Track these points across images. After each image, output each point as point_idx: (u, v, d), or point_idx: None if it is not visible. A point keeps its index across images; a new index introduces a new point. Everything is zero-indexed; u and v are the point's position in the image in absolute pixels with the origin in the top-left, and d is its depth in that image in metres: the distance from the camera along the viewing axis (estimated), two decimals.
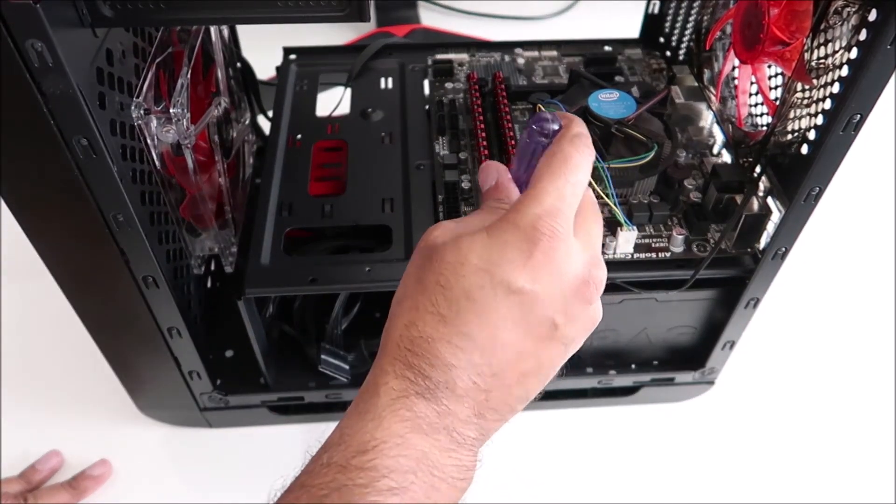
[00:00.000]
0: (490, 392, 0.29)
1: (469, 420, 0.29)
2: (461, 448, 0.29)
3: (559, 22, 1.02)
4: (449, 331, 0.29)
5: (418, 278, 0.31)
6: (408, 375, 0.29)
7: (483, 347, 0.29)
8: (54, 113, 0.31)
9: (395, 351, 0.30)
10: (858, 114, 0.36)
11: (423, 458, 0.28)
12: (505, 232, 0.29)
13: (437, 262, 0.30)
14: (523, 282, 0.29)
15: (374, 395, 0.29)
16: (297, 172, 0.52)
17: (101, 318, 0.45)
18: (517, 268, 0.29)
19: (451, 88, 0.59)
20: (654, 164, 0.46)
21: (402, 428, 0.28)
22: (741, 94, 0.49)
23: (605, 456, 0.57)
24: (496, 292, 0.29)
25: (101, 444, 0.56)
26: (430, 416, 0.29)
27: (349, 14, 0.31)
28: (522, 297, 0.29)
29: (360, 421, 0.29)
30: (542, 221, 0.29)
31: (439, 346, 0.29)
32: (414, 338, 0.29)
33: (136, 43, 0.40)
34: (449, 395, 0.29)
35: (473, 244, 0.30)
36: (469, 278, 0.29)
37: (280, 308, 0.56)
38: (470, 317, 0.29)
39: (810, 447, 0.58)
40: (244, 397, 0.54)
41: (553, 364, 0.31)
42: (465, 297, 0.29)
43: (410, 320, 0.30)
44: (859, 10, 0.35)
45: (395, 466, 0.27)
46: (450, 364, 0.29)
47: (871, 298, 0.69)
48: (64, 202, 0.36)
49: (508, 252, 0.29)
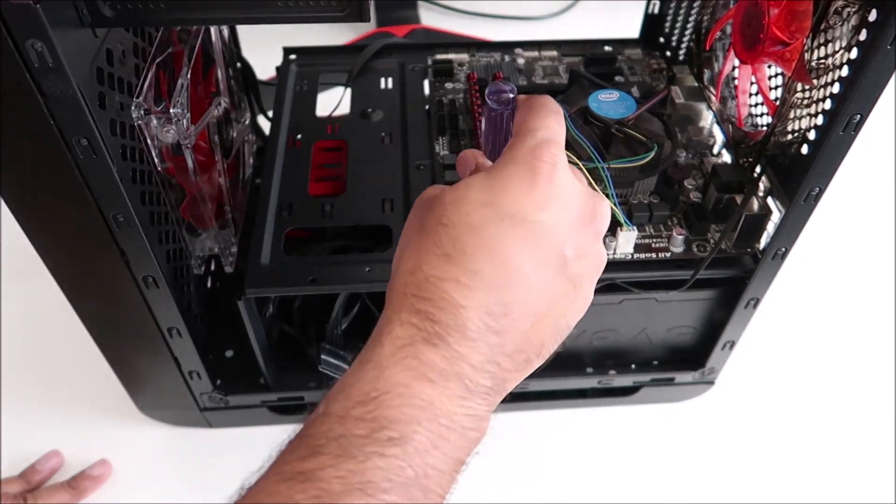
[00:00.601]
0: (503, 334, 0.28)
1: (482, 367, 0.27)
2: (473, 396, 0.27)
3: (559, 22, 1.02)
4: (456, 269, 0.27)
5: (419, 226, 0.29)
6: (414, 322, 0.27)
7: (493, 284, 0.27)
8: (54, 113, 0.31)
9: (399, 299, 0.28)
10: (858, 114, 0.36)
11: (428, 407, 0.26)
12: (504, 167, 0.29)
13: (438, 206, 0.29)
14: (529, 211, 0.28)
15: (377, 344, 0.28)
16: (297, 172, 0.52)
17: (101, 318, 0.45)
18: (522, 197, 0.28)
19: (451, 88, 0.59)
20: (654, 164, 0.46)
21: (407, 377, 0.26)
22: (741, 94, 0.49)
23: (605, 456, 0.57)
24: (502, 224, 0.28)
25: (101, 444, 0.56)
26: (438, 364, 0.27)
27: (349, 14, 0.31)
28: (529, 227, 0.28)
29: (361, 370, 0.27)
30: (541, 149, 0.29)
31: (447, 285, 0.27)
32: (420, 281, 0.28)
33: (136, 43, 0.40)
34: (460, 339, 0.27)
35: (472, 183, 0.29)
36: (473, 214, 0.28)
37: (280, 308, 0.56)
38: (477, 252, 0.27)
39: (810, 447, 0.58)
40: (244, 397, 0.54)
41: (564, 305, 0.29)
42: (469, 232, 0.28)
43: (415, 265, 0.28)
44: (859, 10, 0.35)
45: (397, 417, 0.26)
46: (459, 305, 0.27)
47: (872, 298, 0.69)
48: (64, 202, 0.36)
49: (511, 184, 0.28)
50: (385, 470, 0.25)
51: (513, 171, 0.28)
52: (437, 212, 0.29)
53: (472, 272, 0.27)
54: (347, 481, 0.24)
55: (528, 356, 0.29)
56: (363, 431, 0.25)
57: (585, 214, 0.29)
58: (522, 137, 0.30)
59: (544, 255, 0.28)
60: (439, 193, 0.30)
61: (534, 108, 0.31)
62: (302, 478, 0.25)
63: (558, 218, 0.28)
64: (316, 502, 0.24)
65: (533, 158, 0.28)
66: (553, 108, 0.31)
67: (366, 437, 0.25)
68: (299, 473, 0.25)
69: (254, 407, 0.56)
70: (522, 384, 0.59)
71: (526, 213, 0.28)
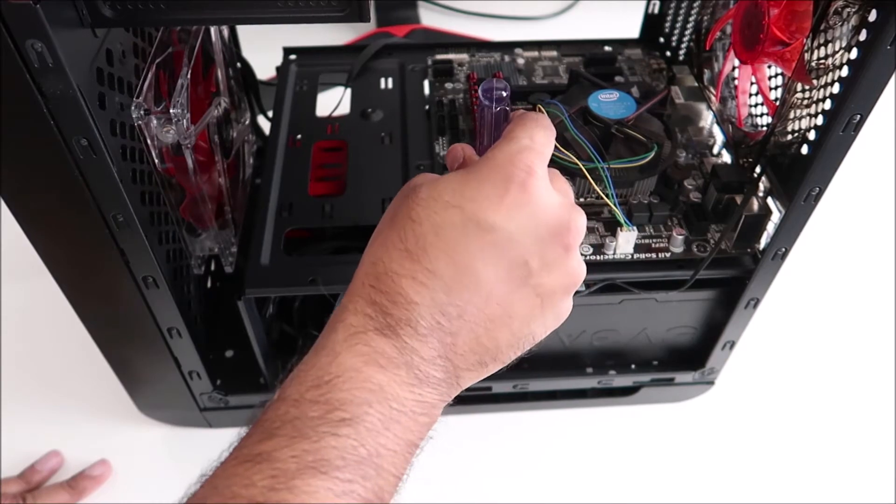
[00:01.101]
0: (456, 335, 0.28)
1: (433, 360, 0.28)
2: (423, 385, 0.28)
3: (559, 22, 1.02)
4: (414, 267, 0.28)
5: (392, 216, 0.30)
6: (368, 312, 0.28)
7: (448, 286, 0.28)
8: (54, 113, 0.31)
9: (358, 288, 0.29)
10: (858, 114, 0.36)
11: (378, 390, 0.27)
12: (480, 170, 0.29)
13: (412, 199, 0.29)
14: (496, 219, 0.28)
15: (331, 331, 0.29)
16: (297, 172, 0.52)
17: (101, 318, 0.45)
18: (491, 204, 0.28)
19: (451, 88, 0.59)
20: (654, 164, 0.46)
21: (358, 362, 0.27)
22: (741, 95, 0.49)
23: (605, 456, 0.57)
24: (466, 229, 0.28)
25: (101, 444, 0.56)
26: (388, 352, 0.28)
27: (349, 14, 0.31)
28: (495, 236, 0.28)
29: (314, 356, 0.28)
30: (518, 157, 0.29)
31: (403, 281, 0.28)
32: (379, 273, 0.28)
33: (136, 43, 0.40)
34: (411, 334, 0.28)
35: (449, 182, 0.29)
36: (440, 214, 0.28)
37: (280, 308, 0.56)
38: (437, 253, 0.28)
39: (810, 447, 0.58)
40: (244, 397, 0.54)
41: (525, 316, 0.30)
42: (433, 232, 0.28)
43: (377, 256, 0.29)
44: (859, 10, 0.35)
45: (348, 399, 0.26)
46: (412, 301, 0.28)
47: (872, 298, 0.69)
48: (64, 202, 0.36)
49: (484, 188, 0.28)
50: (338, 449, 0.25)
51: (487, 175, 0.29)
52: (410, 205, 0.29)
53: (429, 271, 0.28)
54: (302, 460, 0.25)
55: (483, 359, 0.30)
56: (316, 413, 0.26)
57: (557, 227, 0.29)
58: (505, 142, 0.30)
59: (506, 264, 0.28)
60: (419, 185, 0.30)
61: (524, 119, 0.31)
62: (259, 458, 0.25)
63: (525, 228, 0.28)
64: (272, 482, 0.24)
65: (510, 164, 0.28)
66: (543, 123, 0.31)
67: (319, 417, 0.26)
68: (256, 455, 0.25)
69: (254, 407, 0.56)
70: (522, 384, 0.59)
71: (492, 221, 0.28)
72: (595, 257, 0.45)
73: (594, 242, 0.46)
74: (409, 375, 0.28)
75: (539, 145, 0.30)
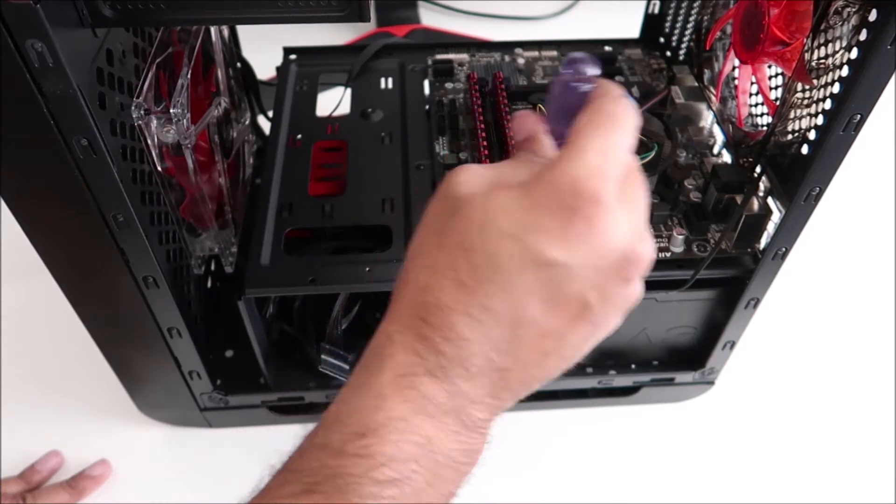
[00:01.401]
0: (507, 371, 0.27)
1: (481, 400, 0.27)
2: (470, 430, 0.27)
3: (559, 22, 1.02)
4: (468, 301, 0.26)
5: (438, 232, 0.27)
6: (418, 349, 0.26)
7: (503, 322, 0.26)
8: (54, 113, 0.31)
9: (405, 318, 0.27)
10: (858, 114, 0.36)
11: (427, 443, 0.26)
12: (541, 194, 0.26)
13: (462, 220, 0.27)
14: (557, 254, 0.25)
15: (377, 368, 0.27)
16: (297, 172, 0.52)
17: (101, 318, 0.45)
18: (552, 237, 0.25)
19: (451, 88, 0.59)
20: (654, 164, 0.46)
21: (407, 410, 0.26)
22: (741, 94, 0.49)
23: (605, 456, 0.57)
24: (524, 263, 0.25)
25: (101, 444, 0.56)
26: (438, 398, 0.26)
27: (349, 14, 0.31)
28: (554, 271, 0.25)
29: (360, 397, 0.26)
30: (584, 183, 0.25)
31: (455, 317, 0.26)
32: (429, 304, 0.26)
33: (136, 43, 0.40)
34: (462, 374, 0.26)
35: (504, 203, 0.26)
36: (496, 243, 0.26)
37: (280, 308, 0.56)
38: (492, 287, 0.26)
39: (810, 447, 0.58)
40: (244, 397, 0.54)
41: (578, 346, 0.28)
42: (489, 264, 0.26)
43: (426, 284, 0.27)
44: (859, 10, 0.35)
45: (395, 454, 0.25)
46: (465, 338, 0.26)
47: (872, 298, 0.69)
48: (64, 202, 0.36)
49: (543, 218, 0.25)
50: None
51: (547, 202, 0.25)
52: (460, 227, 0.27)
53: (483, 307, 0.26)
54: None
55: (530, 386, 0.29)
56: (360, 471, 0.25)
57: (621, 261, 0.26)
58: (570, 157, 0.26)
59: (565, 300, 0.26)
60: (465, 200, 0.27)
61: (597, 117, 0.27)
62: None
63: (586, 263, 0.26)
64: None
65: (573, 194, 0.25)
66: (618, 124, 0.27)
67: (363, 476, 0.25)
68: None
69: (254, 407, 0.56)
70: None
71: (553, 256, 0.25)
72: None
73: None
74: (455, 422, 0.27)
75: (611, 166, 0.26)
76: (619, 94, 0.28)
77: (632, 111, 0.27)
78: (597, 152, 0.26)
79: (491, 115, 0.53)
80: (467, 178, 0.28)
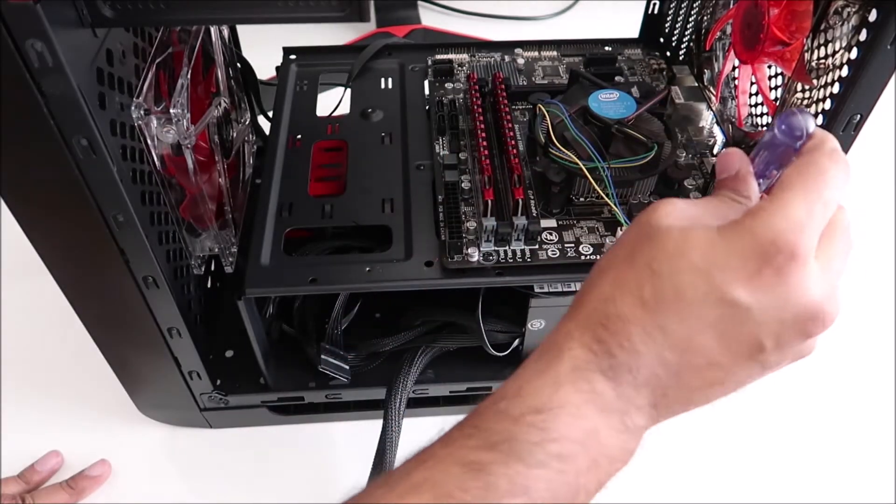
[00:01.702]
0: (669, 389, 0.28)
1: (643, 409, 0.28)
2: (628, 433, 0.28)
3: (559, 22, 1.02)
4: (646, 318, 0.28)
5: (630, 253, 0.29)
6: (594, 348, 0.28)
7: (675, 345, 0.27)
8: (54, 113, 0.31)
9: (585, 320, 0.29)
10: (858, 114, 0.36)
11: (592, 432, 0.27)
12: (739, 238, 0.27)
13: (655, 247, 0.28)
14: (741, 295, 0.26)
15: (556, 357, 0.29)
16: (297, 172, 0.52)
17: (101, 318, 0.45)
18: (739, 279, 0.26)
19: (451, 88, 0.59)
20: (654, 164, 0.46)
21: (579, 399, 0.28)
22: (741, 94, 0.49)
23: None
24: (707, 297, 0.27)
25: (101, 444, 0.56)
26: (607, 395, 0.28)
27: (349, 14, 0.31)
28: (735, 311, 0.27)
29: (539, 379, 0.28)
30: (784, 237, 0.26)
31: (632, 329, 0.28)
32: (609, 314, 0.28)
33: (136, 43, 0.40)
34: (630, 380, 0.28)
35: (700, 240, 0.27)
36: (684, 275, 0.27)
37: (280, 308, 0.56)
38: (671, 313, 0.27)
39: (810, 447, 0.58)
40: (244, 397, 0.54)
41: (743, 382, 0.29)
42: (673, 291, 0.27)
43: (610, 295, 0.29)
44: (859, 10, 0.35)
45: (566, 433, 0.27)
46: (638, 350, 0.28)
47: (872, 298, 0.69)
48: (64, 202, 0.36)
49: (735, 259, 0.26)
50: (547, 481, 0.26)
51: (742, 247, 0.26)
52: (653, 253, 0.28)
53: (659, 327, 0.27)
54: (514, 482, 0.26)
55: (688, 408, 0.30)
56: (536, 438, 0.27)
57: (804, 317, 0.27)
58: (773, 210, 0.26)
59: (738, 340, 0.27)
60: (663, 231, 0.28)
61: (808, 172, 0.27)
62: (476, 466, 0.26)
63: (769, 311, 0.27)
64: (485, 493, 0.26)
65: (771, 244, 0.26)
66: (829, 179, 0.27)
67: (536, 444, 0.27)
68: (474, 462, 0.27)
69: (254, 407, 0.56)
70: None
71: (736, 296, 0.26)
72: (595, 257, 0.45)
73: (594, 242, 0.46)
74: (618, 422, 0.28)
75: (814, 224, 0.27)
76: (834, 149, 0.28)
77: (845, 167, 0.28)
78: (800, 209, 0.26)
79: (491, 115, 0.53)
80: (669, 212, 0.29)
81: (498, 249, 0.45)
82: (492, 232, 0.44)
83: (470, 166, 0.51)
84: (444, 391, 0.55)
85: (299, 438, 0.57)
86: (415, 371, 0.52)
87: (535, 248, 0.45)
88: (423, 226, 0.48)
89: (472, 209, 0.48)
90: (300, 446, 0.57)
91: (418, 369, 0.52)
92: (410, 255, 0.46)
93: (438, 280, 0.45)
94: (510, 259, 0.45)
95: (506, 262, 0.45)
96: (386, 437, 0.48)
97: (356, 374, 0.54)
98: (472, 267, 0.45)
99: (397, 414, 0.49)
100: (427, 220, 0.48)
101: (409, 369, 0.51)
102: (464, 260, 0.45)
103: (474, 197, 0.49)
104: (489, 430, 0.28)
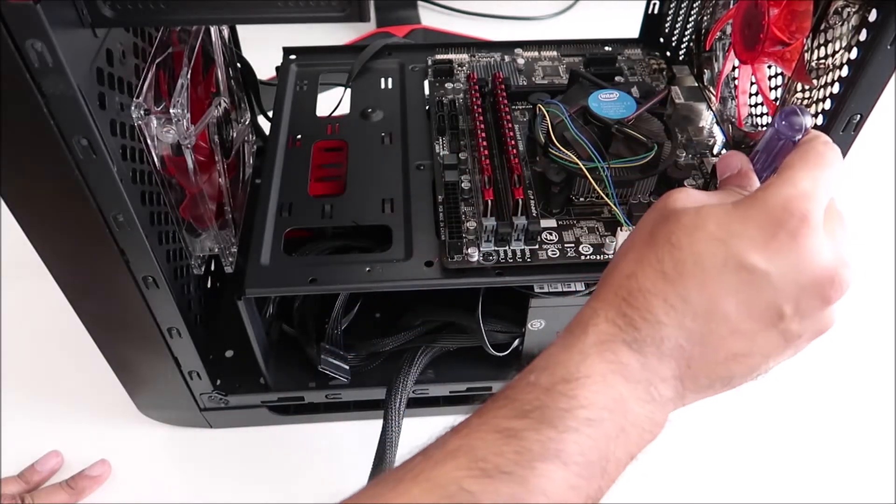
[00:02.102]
0: (693, 360, 0.29)
1: (668, 380, 0.29)
2: (654, 403, 0.29)
3: (559, 22, 1.02)
4: (667, 289, 0.29)
5: (650, 233, 0.31)
6: (618, 322, 0.29)
7: (697, 313, 0.28)
8: (54, 113, 0.31)
9: (610, 297, 0.30)
10: (858, 114, 0.36)
11: (619, 400, 0.28)
12: (751, 207, 0.29)
13: (673, 223, 0.30)
14: (758, 260, 0.28)
15: (582, 332, 0.30)
16: (297, 172, 0.52)
17: (101, 318, 0.46)
18: (756, 245, 0.28)
19: (451, 88, 0.59)
20: (654, 164, 0.46)
21: (605, 369, 0.29)
22: (741, 94, 0.49)
23: None
24: (726, 265, 0.28)
25: (101, 444, 0.56)
26: (632, 366, 0.29)
27: (349, 14, 0.31)
28: (753, 276, 0.28)
29: (566, 352, 0.29)
30: (794, 203, 0.28)
31: (654, 301, 0.29)
32: (632, 288, 0.29)
33: (136, 43, 0.40)
34: (654, 351, 0.29)
35: (716, 213, 0.29)
36: (702, 244, 0.29)
37: (280, 308, 0.56)
38: (692, 282, 0.28)
39: (810, 447, 0.58)
40: (244, 397, 0.54)
41: (767, 355, 0.30)
42: (692, 260, 0.29)
43: (632, 271, 0.30)
44: (859, 10, 0.35)
45: (594, 400, 0.28)
46: (660, 321, 0.29)
47: (871, 298, 0.69)
48: (64, 202, 0.36)
49: (750, 227, 0.28)
50: (579, 444, 0.28)
51: (756, 215, 0.28)
52: (670, 228, 0.30)
53: (681, 297, 0.29)
54: (546, 446, 0.27)
55: (713, 384, 0.30)
56: (565, 406, 0.28)
57: (820, 279, 0.28)
58: (781, 182, 0.29)
59: (759, 305, 0.28)
60: (679, 211, 0.30)
61: (808, 156, 0.30)
62: (509, 433, 0.28)
63: (786, 275, 0.28)
64: (518, 457, 0.27)
65: (782, 210, 0.28)
66: (829, 161, 0.30)
67: (566, 411, 0.28)
68: (507, 429, 0.28)
69: (254, 407, 0.56)
70: None
71: (754, 262, 0.28)
72: (595, 257, 0.45)
73: (594, 242, 0.46)
74: (644, 393, 0.29)
75: (819, 189, 0.28)
76: (828, 140, 0.31)
77: (839, 156, 0.30)
78: (807, 179, 0.28)
79: (491, 115, 0.53)
80: (684, 197, 0.31)
81: (498, 249, 0.45)
82: (492, 232, 0.44)
83: (470, 166, 0.51)
84: (444, 391, 0.55)
85: (299, 438, 0.57)
86: (415, 371, 0.52)
87: (535, 248, 0.45)
88: (423, 226, 0.48)
89: (472, 209, 0.48)
90: (300, 446, 0.57)
91: (418, 369, 0.52)
92: (410, 255, 0.46)
93: (438, 280, 0.45)
94: (510, 259, 0.45)
95: (506, 262, 0.45)
96: (386, 437, 0.48)
97: (356, 374, 0.54)
98: (472, 267, 0.45)
99: (397, 414, 0.49)
100: (427, 220, 0.48)
101: (409, 369, 0.51)
102: (464, 260, 0.45)
103: (474, 197, 0.49)
104: (521, 400, 0.29)
